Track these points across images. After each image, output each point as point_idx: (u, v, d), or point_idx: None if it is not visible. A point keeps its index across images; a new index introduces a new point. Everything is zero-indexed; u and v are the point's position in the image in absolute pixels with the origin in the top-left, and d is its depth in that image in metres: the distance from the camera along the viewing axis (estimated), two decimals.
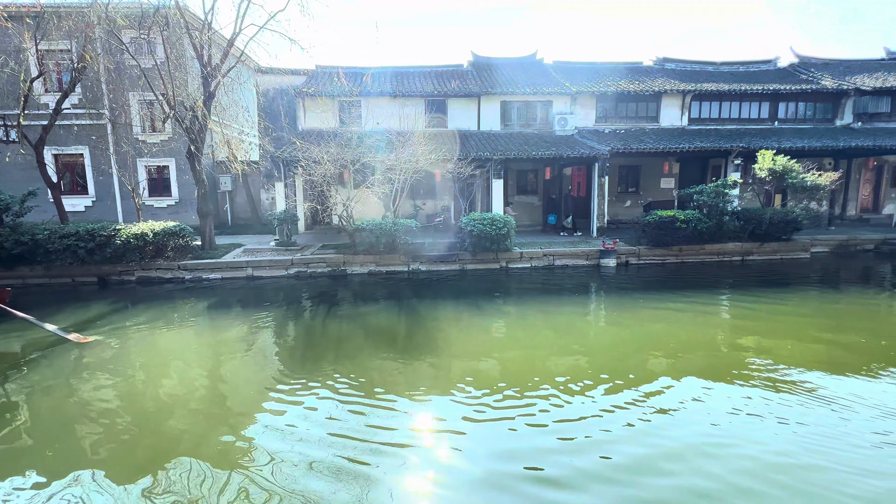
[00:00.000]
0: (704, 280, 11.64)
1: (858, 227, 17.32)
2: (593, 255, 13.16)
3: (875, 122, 18.84)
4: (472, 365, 6.56)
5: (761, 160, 13.83)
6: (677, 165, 18.99)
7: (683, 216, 12.92)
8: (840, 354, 6.64)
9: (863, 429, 4.58)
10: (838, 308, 9.29)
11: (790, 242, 13.80)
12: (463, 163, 14.23)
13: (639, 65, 20.88)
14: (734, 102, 18.98)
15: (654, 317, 8.61)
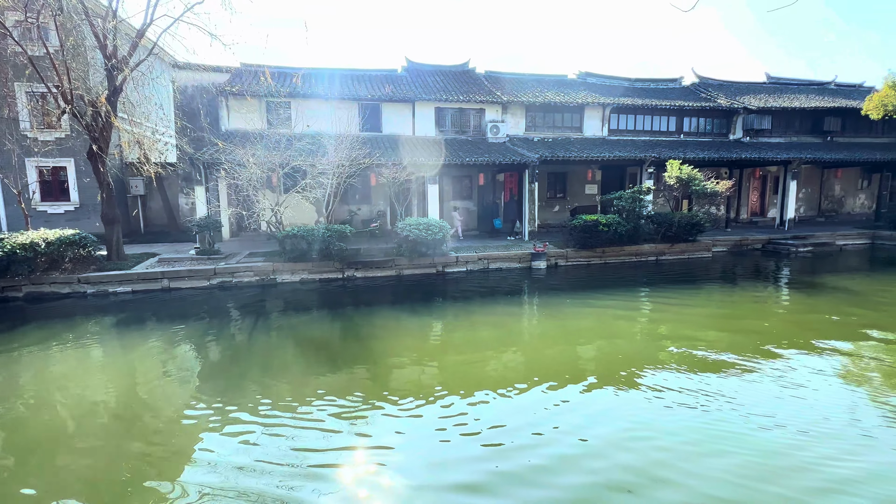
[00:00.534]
0: (625, 279, 12.57)
1: (749, 229, 19.67)
2: (525, 258, 13.70)
3: (760, 137, 21.58)
4: (408, 373, 6.54)
5: (670, 169, 15.26)
6: (599, 173, 20.37)
7: (605, 220, 13.88)
8: (738, 343, 7.47)
9: (757, 413, 5.18)
10: (734, 301, 10.47)
11: (695, 243, 15.34)
12: (398, 168, 14.19)
13: (563, 78, 22.16)
14: (647, 116, 20.79)
15: (581, 315, 9.15)
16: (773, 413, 5.05)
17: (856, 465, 4.14)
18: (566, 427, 4.89)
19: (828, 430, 4.71)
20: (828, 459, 4.20)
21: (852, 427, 4.77)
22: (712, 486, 3.88)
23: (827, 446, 4.41)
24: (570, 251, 14.24)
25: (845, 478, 3.96)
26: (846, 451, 4.34)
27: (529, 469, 4.15)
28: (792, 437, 4.58)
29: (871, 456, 4.28)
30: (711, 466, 4.16)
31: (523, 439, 4.65)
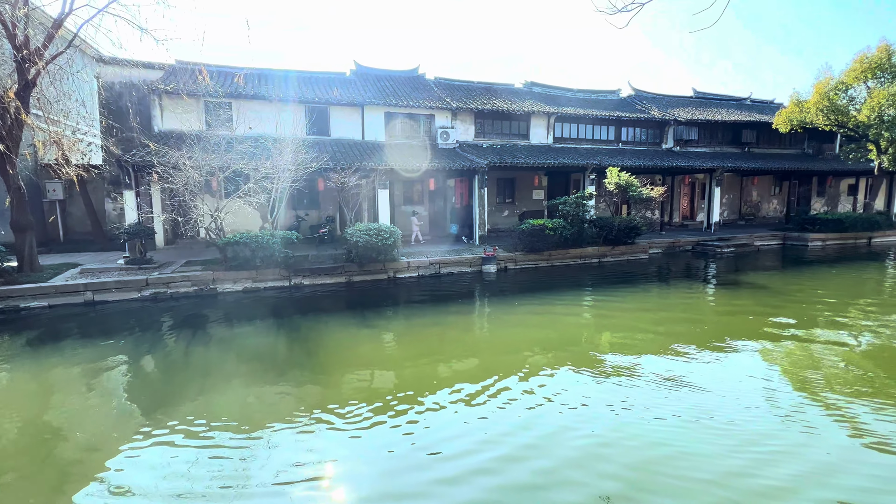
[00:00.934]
0: (571, 281, 13.09)
1: (681, 231, 21.19)
2: (476, 262, 13.92)
3: (688, 147, 23.37)
4: (358, 383, 6.42)
5: (610, 176, 16.13)
6: (546, 179, 21.14)
7: (551, 224, 14.41)
8: (672, 339, 8.01)
9: (688, 406, 5.58)
10: (670, 299, 11.22)
11: (634, 245, 16.30)
12: (347, 172, 13.95)
13: (510, 86, 22.84)
14: (589, 125, 21.88)
15: (529, 318, 9.42)
16: (701, 405, 5.46)
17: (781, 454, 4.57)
18: (511, 429, 5.01)
19: (751, 418, 5.17)
20: (752, 445, 4.61)
21: (772, 414, 5.27)
22: (651, 478, 4.13)
23: (752, 433, 4.83)
24: (519, 255, 14.63)
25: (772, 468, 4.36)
26: (769, 436, 4.78)
27: (473, 473, 4.21)
28: (722, 427, 4.97)
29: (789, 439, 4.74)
30: (651, 460, 4.42)
31: (470, 446, 4.69)
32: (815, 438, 4.68)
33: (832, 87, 19.94)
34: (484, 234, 16.65)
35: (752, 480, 4.01)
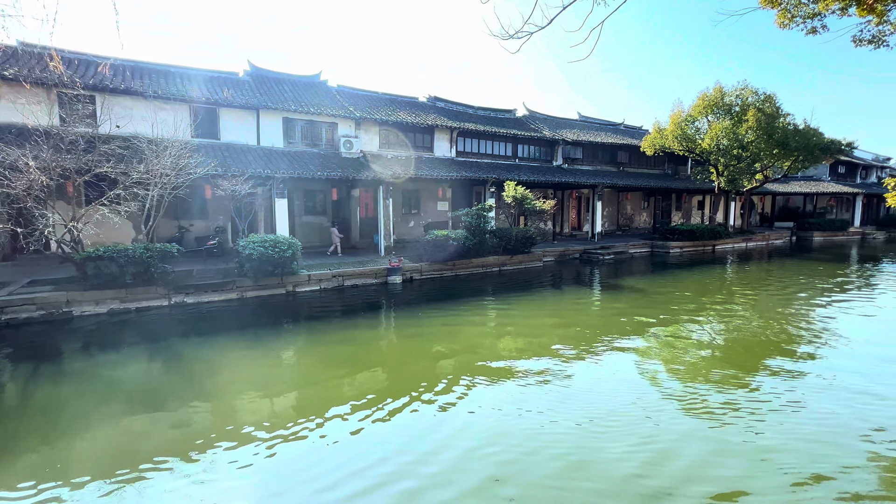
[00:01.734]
0: (473, 289, 13.59)
1: (570, 241, 23.31)
2: (381, 273, 13.78)
3: (575, 165, 25.92)
4: (251, 408, 5.91)
5: (507, 189, 17.19)
6: (450, 191, 21.80)
7: (455, 235, 14.87)
8: (564, 341, 8.71)
9: (577, 408, 6.09)
10: (561, 304, 12.22)
11: (530, 254, 17.51)
12: (240, 179, 12.93)
13: (415, 99, 23.25)
14: (488, 141, 23.13)
15: (433, 327, 9.55)
16: (584, 408, 6.01)
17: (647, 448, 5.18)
18: (412, 441, 5.02)
19: (618, 419, 5.80)
20: (636, 445, 5.17)
21: (639, 410, 5.98)
22: (547, 493, 4.42)
23: (624, 433, 5.42)
24: (424, 265, 14.82)
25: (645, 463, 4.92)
26: (639, 435, 5.41)
27: (377, 486, 4.13)
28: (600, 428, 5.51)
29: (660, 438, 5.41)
30: (547, 466, 4.72)
31: (372, 463, 4.60)
32: (684, 431, 5.42)
33: (683, 119, 23.71)
34: (389, 244, 16.58)
35: (645, 482, 4.41)
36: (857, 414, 5.46)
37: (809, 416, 5.43)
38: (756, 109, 21.86)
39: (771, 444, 4.79)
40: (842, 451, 4.69)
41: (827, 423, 5.27)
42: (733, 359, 7.65)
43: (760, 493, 4.02)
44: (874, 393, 6.06)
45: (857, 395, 5.97)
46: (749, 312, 10.87)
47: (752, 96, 22.55)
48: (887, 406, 5.70)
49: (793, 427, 5.18)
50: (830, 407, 5.66)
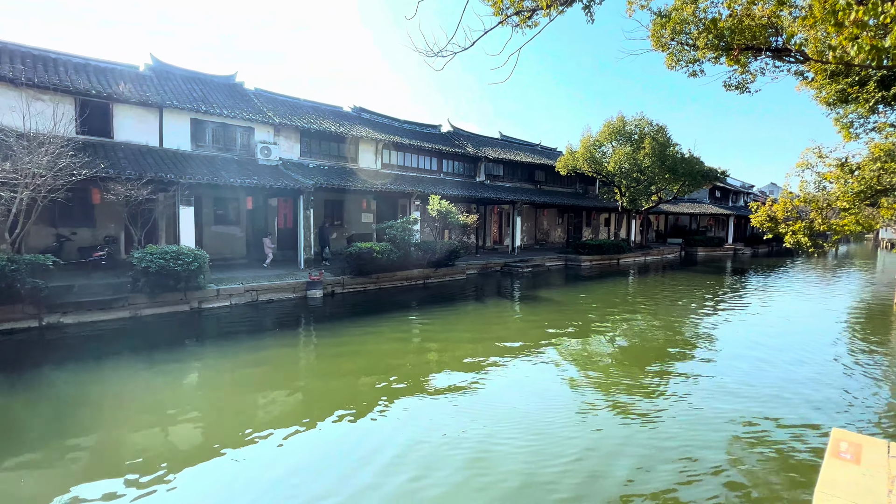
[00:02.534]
0: (398, 303, 13.46)
1: (492, 254, 24.17)
2: (300, 287, 13.12)
3: (497, 182, 27.07)
4: (142, 444, 5.23)
5: (432, 203, 17.41)
6: (375, 203, 21.55)
7: (379, 248, 14.67)
8: (486, 355, 8.91)
9: (476, 417, 6.23)
10: (484, 316, 12.53)
11: (454, 267, 17.83)
12: (137, 184, 11.60)
13: (339, 109, 22.79)
14: (414, 155, 23.33)
15: (354, 344, 9.26)
16: (513, 418, 6.19)
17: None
18: (337, 468, 4.79)
19: (522, 421, 6.07)
20: (548, 455, 5.40)
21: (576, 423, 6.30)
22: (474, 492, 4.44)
23: (547, 444, 5.66)
24: (346, 278, 14.40)
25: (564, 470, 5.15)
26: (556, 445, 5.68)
27: None
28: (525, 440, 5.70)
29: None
30: (472, 479, 4.76)
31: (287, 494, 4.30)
32: (607, 435, 5.78)
33: (591, 144, 25.94)
34: (310, 257, 15.89)
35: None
36: (733, 409, 6.26)
37: (699, 413, 6.12)
38: (651, 138, 24.62)
39: (669, 436, 5.31)
40: (719, 441, 5.34)
41: (703, 416, 5.97)
42: (637, 362, 8.39)
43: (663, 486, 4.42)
44: (748, 395, 7.01)
45: (735, 391, 6.86)
46: (648, 320, 12.04)
47: (648, 126, 25.39)
48: (758, 401, 6.62)
49: (687, 422, 5.79)
50: (712, 404, 6.43)
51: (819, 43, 7.38)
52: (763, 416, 5.97)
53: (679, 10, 10.83)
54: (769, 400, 6.53)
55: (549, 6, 8.52)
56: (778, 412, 6.11)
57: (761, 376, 7.56)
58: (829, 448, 3.38)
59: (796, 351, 9.06)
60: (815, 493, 2.88)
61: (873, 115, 10.03)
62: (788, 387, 7.07)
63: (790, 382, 7.28)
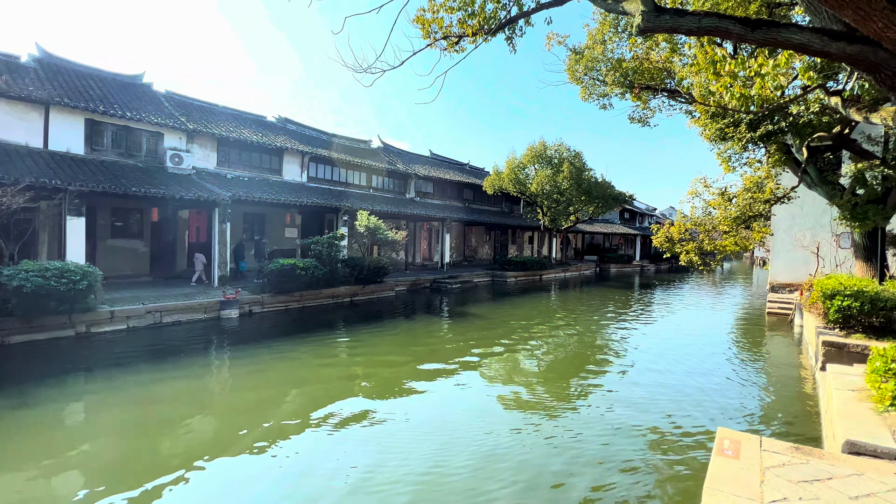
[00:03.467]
0: (322, 322, 12.90)
1: (422, 271, 24.24)
2: (213, 307, 12.10)
3: (426, 199, 27.37)
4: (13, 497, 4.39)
5: (360, 218, 17.12)
6: (299, 217, 20.69)
7: (303, 264, 14.04)
8: (414, 374, 8.80)
9: (416, 429, 6.14)
10: (413, 334, 12.43)
11: (383, 284, 17.57)
12: (9, 190, 10.03)
13: (262, 118, 21.75)
14: (343, 169, 22.87)
15: (272, 367, 8.68)
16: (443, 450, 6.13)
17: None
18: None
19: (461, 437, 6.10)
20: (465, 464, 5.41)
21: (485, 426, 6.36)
22: None
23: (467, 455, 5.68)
24: (266, 297, 13.55)
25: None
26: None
27: None
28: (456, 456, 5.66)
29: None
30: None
31: None
32: (553, 448, 5.91)
33: (516, 165, 27.32)
34: (225, 274, 14.74)
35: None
36: (642, 416, 6.78)
37: (613, 422, 6.53)
38: (569, 163, 26.54)
39: (588, 444, 5.59)
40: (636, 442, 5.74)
41: (622, 421, 6.41)
42: (559, 375, 8.79)
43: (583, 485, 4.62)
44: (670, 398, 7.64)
45: (644, 399, 7.44)
46: (569, 333, 12.74)
47: (566, 152, 27.38)
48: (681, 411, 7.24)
49: (603, 431, 6.14)
50: (624, 412, 6.92)
51: (702, 88, 8.50)
52: (670, 422, 6.53)
53: (591, 48, 11.93)
54: (672, 406, 7.16)
55: (475, 34, 8.91)
56: (679, 417, 6.72)
57: (665, 384, 8.29)
58: (715, 446, 3.78)
59: (693, 360, 10.09)
60: (704, 488, 3.19)
61: (745, 152, 11.72)
62: (689, 393, 7.83)
63: (689, 389, 8.07)
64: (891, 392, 4.08)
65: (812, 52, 4.73)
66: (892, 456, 3.59)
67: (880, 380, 4.28)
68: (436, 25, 9.02)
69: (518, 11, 8.32)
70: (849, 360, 6.93)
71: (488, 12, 8.72)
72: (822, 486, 3.18)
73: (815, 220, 15.95)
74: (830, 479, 3.26)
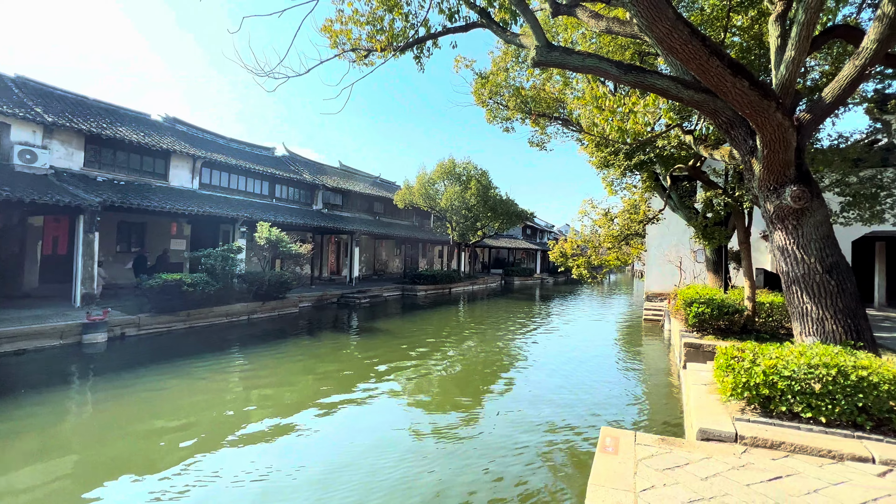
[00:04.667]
0: (214, 344, 11.67)
1: (329, 285, 23.30)
2: (72, 330, 10.30)
3: (335, 211, 26.55)
4: None
5: (261, 230, 15.99)
6: (189, 227, 18.71)
7: (191, 279, 12.65)
8: (318, 394, 8.32)
9: (328, 449, 5.80)
10: (319, 352, 11.81)
11: (285, 300, 16.52)
12: None
13: (146, 116, 19.41)
14: (242, 177, 21.25)
15: (143, 400, 7.61)
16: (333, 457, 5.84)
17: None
18: None
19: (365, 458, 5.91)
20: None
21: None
22: None
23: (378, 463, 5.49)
24: (144, 317, 11.92)
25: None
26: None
27: None
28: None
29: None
30: None
31: None
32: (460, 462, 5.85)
33: (427, 181, 27.83)
34: (90, 291, 12.68)
35: None
36: (544, 420, 7.20)
37: (516, 425, 6.82)
38: (476, 181, 27.75)
39: (491, 450, 5.75)
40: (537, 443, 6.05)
41: (527, 420, 6.73)
42: (466, 388, 8.98)
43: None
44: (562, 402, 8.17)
45: (543, 405, 7.91)
46: (476, 345, 13.13)
47: (474, 170, 28.61)
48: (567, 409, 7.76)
49: (502, 439, 6.38)
50: (527, 417, 7.28)
51: (589, 119, 9.51)
52: (567, 426, 7.01)
53: (495, 74, 12.70)
54: (568, 410, 7.72)
55: (384, 49, 8.96)
56: (573, 420, 7.27)
57: (562, 390, 8.93)
58: (599, 445, 4.15)
59: (584, 367, 11.02)
60: (588, 485, 3.47)
61: (624, 178, 13.30)
62: (581, 398, 8.51)
63: (582, 395, 8.78)
64: (731, 384, 4.86)
65: (670, 96, 5.57)
66: (732, 438, 4.26)
67: (723, 374, 5.08)
68: (344, 37, 8.92)
69: (426, 32, 8.58)
70: (704, 358, 8.12)
71: (397, 30, 8.86)
72: (681, 471, 3.65)
73: (679, 238, 18.62)
74: (687, 465, 3.76)
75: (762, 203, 5.64)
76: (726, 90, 4.65)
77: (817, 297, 5.28)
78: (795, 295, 5.47)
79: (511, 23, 8.25)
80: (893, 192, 9.02)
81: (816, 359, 4.46)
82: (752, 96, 4.63)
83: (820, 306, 5.27)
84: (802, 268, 5.35)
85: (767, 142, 5.03)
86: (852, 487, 3.43)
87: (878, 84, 8.64)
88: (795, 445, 4.06)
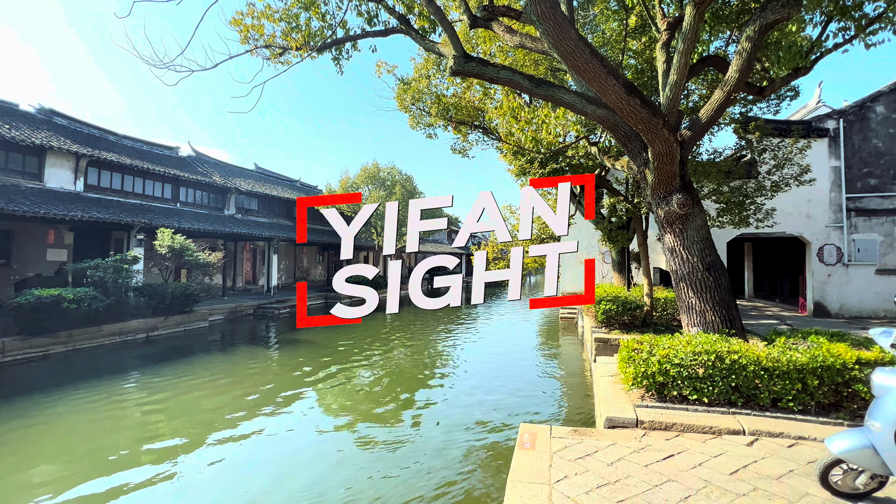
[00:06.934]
0: (100, 368, 10.26)
1: (244, 295, 21.74)
2: None
3: (250, 216, 24.87)
4: None
5: (161, 238, 14.46)
6: (71, 235, 16.35)
7: (73, 295, 11.05)
8: (231, 412, 7.66)
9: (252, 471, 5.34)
10: (230, 370, 10.90)
11: (192, 313, 15.08)
12: None
13: (13, 106, 16.68)
14: (138, 178, 19.08)
15: (12, 439, 6.48)
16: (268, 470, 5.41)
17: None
18: None
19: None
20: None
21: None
22: None
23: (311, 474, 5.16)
24: (11, 341, 10.16)
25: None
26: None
27: None
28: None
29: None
30: None
31: None
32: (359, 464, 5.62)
33: (350, 185, 27.18)
34: None
35: None
36: (470, 418, 7.31)
37: (446, 425, 6.84)
38: (401, 185, 27.69)
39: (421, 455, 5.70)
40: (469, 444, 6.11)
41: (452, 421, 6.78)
42: (390, 396, 8.83)
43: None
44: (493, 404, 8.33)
45: (470, 405, 8.03)
46: (402, 351, 13.02)
47: (399, 175, 28.53)
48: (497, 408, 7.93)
49: (428, 443, 6.37)
50: (454, 418, 7.35)
51: (506, 129, 9.95)
52: (492, 427, 7.18)
53: (417, 81, 12.79)
54: (493, 411, 7.93)
55: (300, 48, 8.59)
56: (499, 419, 7.48)
57: (485, 391, 9.16)
58: (517, 441, 4.31)
59: (506, 367, 11.43)
60: (507, 481, 3.58)
61: None
62: (504, 397, 8.79)
63: (505, 392, 9.08)
64: (632, 374, 5.34)
65: (576, 110, 6.00)
66: (633, 424, 4.68)
67: (625, 365, 5.57)
68: (256, 32, 8.42)
69: (344, 34, 8.39)
70: (612, 351, 8.84)
71: (314, 29, 8.56)
72: (590, 459, 3.91)
73: (589, 241, 20.14)
74: (596, 452, 4.04)
75: (655, 209, 6.29)
76: (622, 107, 5.13)
77: (700, 292, 6.00)
78: (683, 290, 6.17)
79: (430, 31, 8.35)
80: (756, 201, 10.58)
81: (700, 347, 5.06)
82: (643, 113, 5.16)
83: (702, 300, 5.99)
84: (688, 266, 6.05)
85: (657, 154, 5.63)
86: (728, 458, 3.93)
87: (743, 108, 10.12)
88: (685, 425, 4.55)
